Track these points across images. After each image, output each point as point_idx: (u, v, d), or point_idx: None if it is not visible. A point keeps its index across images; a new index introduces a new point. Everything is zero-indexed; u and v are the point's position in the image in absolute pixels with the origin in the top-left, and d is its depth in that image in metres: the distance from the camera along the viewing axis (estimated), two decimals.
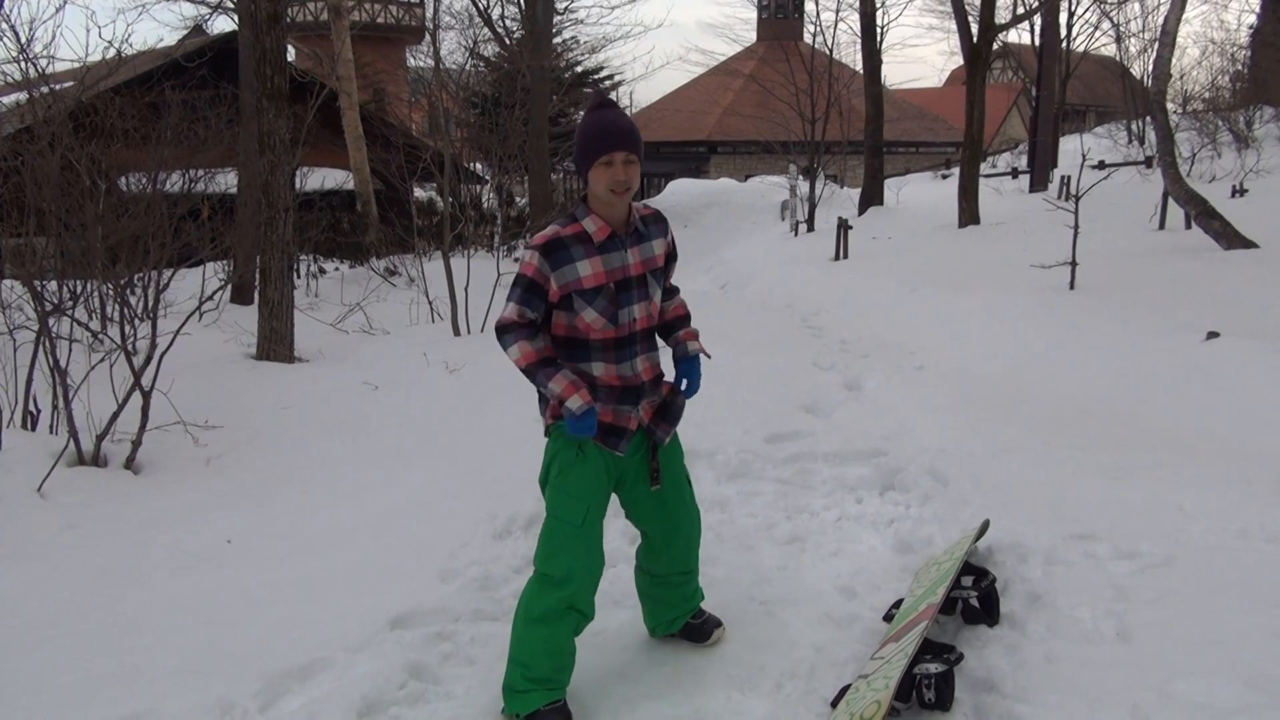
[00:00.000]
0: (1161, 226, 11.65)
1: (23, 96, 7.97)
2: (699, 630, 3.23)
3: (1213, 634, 2.82)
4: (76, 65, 8.24)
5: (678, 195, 24.33)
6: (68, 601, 3.81)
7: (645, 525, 3.12)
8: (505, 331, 2.76)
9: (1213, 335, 6.00)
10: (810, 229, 19.16)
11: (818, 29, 30.31)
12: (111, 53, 7.56)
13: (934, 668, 2.72)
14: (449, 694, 3.00)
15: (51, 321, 5.66)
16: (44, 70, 7.65)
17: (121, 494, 5.12)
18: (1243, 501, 3.87)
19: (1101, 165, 17.81)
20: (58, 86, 8.03)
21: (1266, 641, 2.74)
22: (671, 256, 3.04)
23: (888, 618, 3.32)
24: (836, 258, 13.99)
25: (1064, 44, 23.29)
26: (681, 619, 3.24)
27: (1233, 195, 13.01)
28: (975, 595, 3.20)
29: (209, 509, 5.03)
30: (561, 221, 2.83)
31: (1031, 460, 4.65)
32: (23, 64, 7.48)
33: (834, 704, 2.80)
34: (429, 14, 23.97)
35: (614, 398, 2.85)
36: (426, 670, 3.12)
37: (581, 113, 2.85)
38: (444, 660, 3.17)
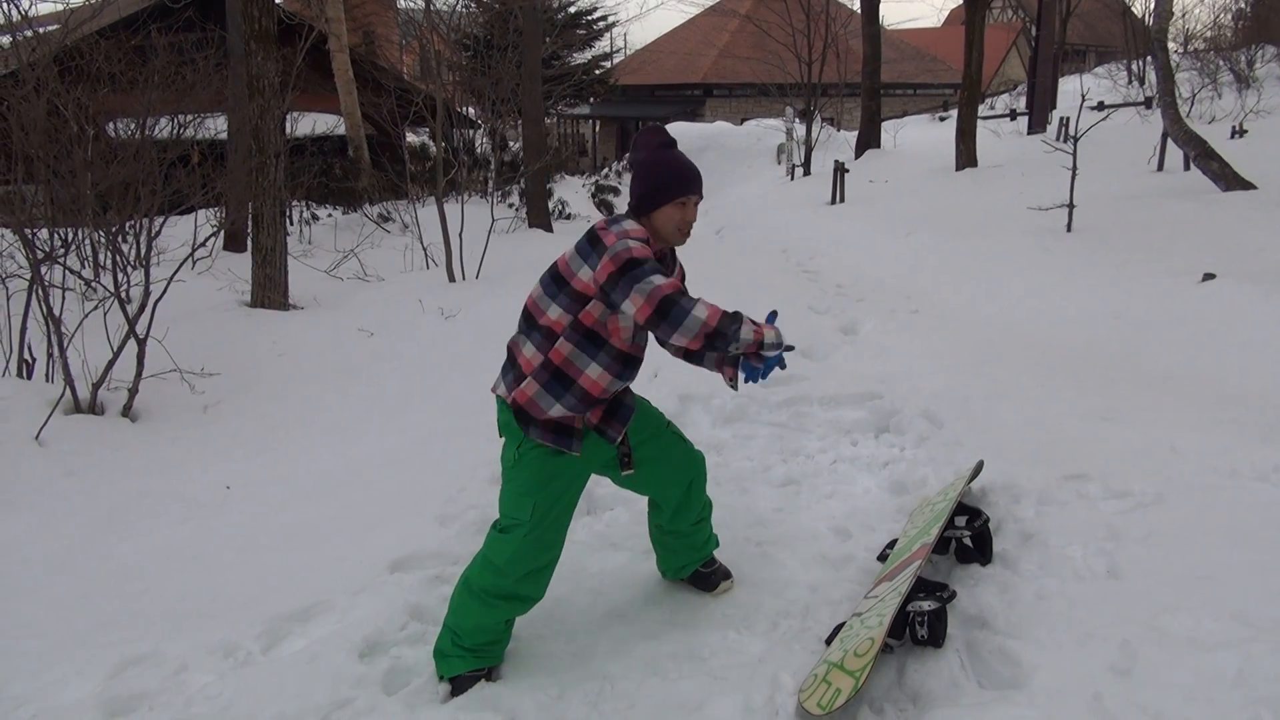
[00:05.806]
0: (1160, 168, 11.59)
1: (5, 40, 7.83)
2: (707, 579, 3.26)
3: (1201, 570, 2.85)
4: (60, 8, 8.09)
5: None
6: (68, 547, 3.84)
7: (644, 492, 3.11)
8: (676, 300, 2.46)
9: (1209, 277, 5.99)
10: (807, 173, 19.03)
11: None
12: None
13: (927, 605, 2.75)
14: None
15: (44, 269, 5.63)
16: (26, 12, 7.50)
17: (119, 441, 5.14)
18: (1234, 442, 3.90)
19: (1101, 106, 17.62)
20: (41, 29, 7.87)
21: (1253, 577, 2.77)
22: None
23: (882, 558, 3.36)
24: (833, 201, 13.92)
25: None
26: (691, 566, 3.27)
27: (1232, 136, 12.92)
28: (969, 535, 3.23)
29: (207, 456, 5.06)
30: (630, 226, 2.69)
31: (1026, 402, 4.67)
32: (5, 6, 7.34)
33: (829, 641, 2.84)
34: None
35: (576, 405, 2.73)
36: (426, 611, 3.16)
37: (651, 149, 2.73)
38: (443, 602, 3.18)
